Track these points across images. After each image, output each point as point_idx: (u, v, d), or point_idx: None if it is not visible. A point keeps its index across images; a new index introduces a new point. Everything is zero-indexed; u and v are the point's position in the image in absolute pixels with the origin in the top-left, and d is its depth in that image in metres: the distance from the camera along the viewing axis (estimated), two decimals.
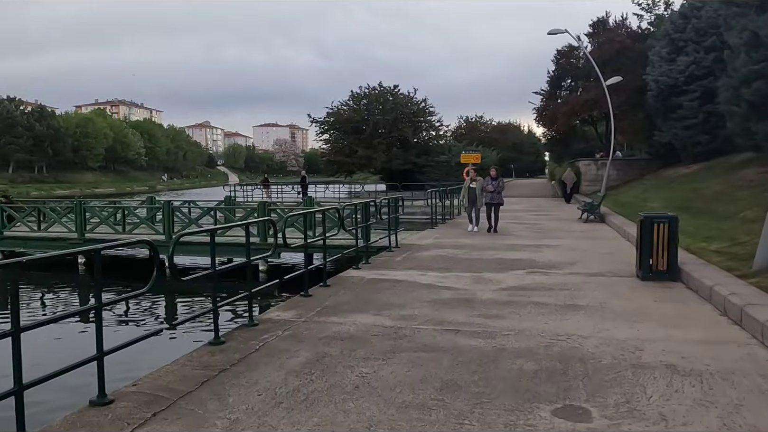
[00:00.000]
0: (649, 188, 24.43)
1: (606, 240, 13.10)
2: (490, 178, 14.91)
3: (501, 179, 15.20)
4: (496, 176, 14.98)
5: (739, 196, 14.38)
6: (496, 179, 14.84)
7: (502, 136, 61.04)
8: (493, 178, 14.87)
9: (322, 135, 38.65)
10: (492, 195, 14.61)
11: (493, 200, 14.65)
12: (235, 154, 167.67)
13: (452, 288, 7.77)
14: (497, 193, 14.64)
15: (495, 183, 14.68)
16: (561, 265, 9.61)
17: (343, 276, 8.81)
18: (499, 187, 14.73)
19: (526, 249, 11.58)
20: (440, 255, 10.92)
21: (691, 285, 7.51)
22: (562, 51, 36.34)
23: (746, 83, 16.84)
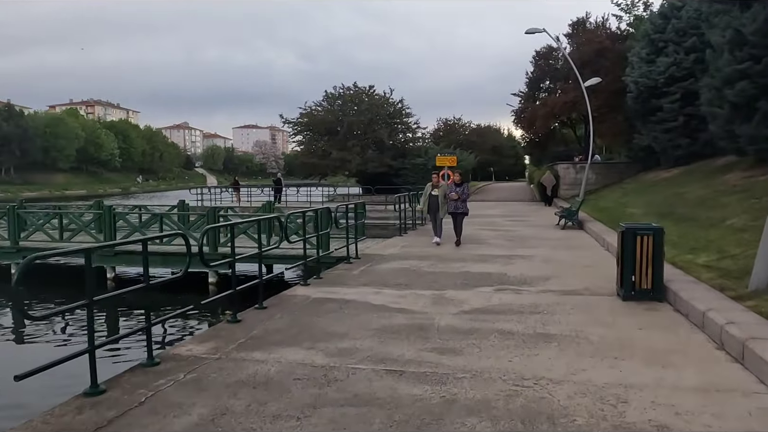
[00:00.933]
0: (628, 192, 23.68)
1: (584, 250, 12.18)
2: (453, 184, 13.28)
3: (466, 185, 13.56)
4: (460, 182, 13.27)
5: (724, 202, 13.57)
6: (461, 185, 13.18)
7: (481, 138, 60.30)
8: (456, 183, 13.22)
9: (295, 136, 37.46)
10: (456, 203, 12.96)
11: (457, 209, 13.01)
12: (213, 156, 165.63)
13: (407, 311, 6.72)
14: (462, 201, 13.03)
15: (459, 189, 13.07)
16: (534, 280, 8.62)
17: (285, 295, 7.71)
18: (464, 195, 13.13)
19: (498, 260, 10.59)
20: (402, 268, 9.88)
21: (680, 307, 6.55)
22: (541, 52, 35.67)
23: (729, 84, 16.10)
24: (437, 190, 13.15)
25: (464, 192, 13.17)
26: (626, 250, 7.13)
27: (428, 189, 13.34)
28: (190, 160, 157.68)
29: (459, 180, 13.32)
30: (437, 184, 13.30)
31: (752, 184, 14.43)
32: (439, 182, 13.44)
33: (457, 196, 12.89)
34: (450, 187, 13.27)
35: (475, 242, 13.39)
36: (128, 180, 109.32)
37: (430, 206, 13.24)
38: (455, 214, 13.03)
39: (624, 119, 30.01)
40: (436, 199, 13.07)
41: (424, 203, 13.37)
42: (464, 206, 13.10)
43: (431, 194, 13.21)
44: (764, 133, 15.39)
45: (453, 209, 12.97)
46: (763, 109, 15.14)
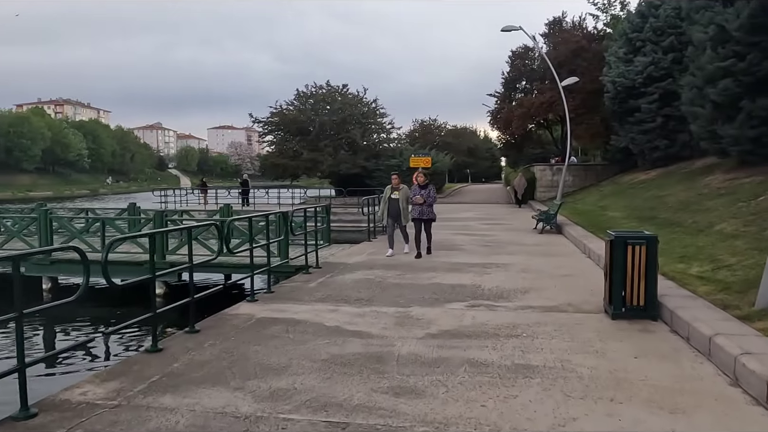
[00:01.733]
0: (607, 195, 23.07)
1: (564, 257, 11.34)
2: (416, 186, 11.33)
3: (431, 187, 11.50)
4: (425, 183, 11.38)
5: (709, 205, 12.89)
6: (425, 187, 11.31)
7: (457, 140, 59.65)
8: (420, 185, 11.31)
9: (266, 136, 36.19)
10: (420, 208, 11.19)
11: (421, 215, 11.20)
12: (187, 157, 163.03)
13: (364, 335, 5.73)
14: (427, 205, 11.23)
15: (424, 192, 11.23)
16: (511, 293, 7.71)
17: (225, 315, 6.65)
18: (430, 198, 11.25)
19: (472, 269, 9.66)
20: (366, 279, 8.89)
21: (679, 328, 5.68)
22: (517, 52, 35.03)
23: (712, 82, 15.48)
24: (398, 193, 11.43)
25: (430, 195, 11.26)
26: (615, 262, 6.25)
27: (387, 192, 11.62)
28: (163, 161, 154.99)
29: (424, 181, 11.41)
30: (398, 186, 11.51)
31: (737, 186, 13.78)
32: (400, 184, 11.59)
33: (422, 200, 11.11)
34: (413, 190, 11.37)
35: (449, 248, 12.47)
36: (97, 181, 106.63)
37: (389, 212, 11.43)
38: (420, 220, 11.28)
39: (601, 120, 29.52)
40: (396, 203, 11.37)
41: (383, 209, 11.59)
42: (431, 211, 11.37)
43: (390, 198, 11.44)
44: (748, 133, 14.80)
45: (417, 215, 11.23)
46: (746, 108, 14.55)
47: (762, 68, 13.96)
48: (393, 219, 11.52)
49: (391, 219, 11.52)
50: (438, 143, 52.99)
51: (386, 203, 11.47)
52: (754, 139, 14.76)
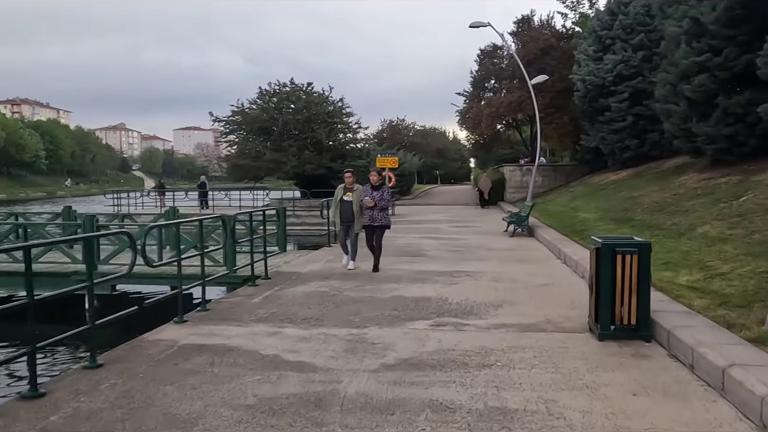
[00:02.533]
0: (577, 196, 22.48)
1: (538, 263, 10.49)
2: (368, 187, 9.60)
3: (386, 189, 9.83)
4: (378, 183, 9.64)
5: (688, 206, 12.24)
6: (379, 188, 9.58)
7: (426, 140, 58.91)
8: (373, 186, 9.56)
9: (227, 136, 34.73)
10: (372, 213, 9.44)
11: (372, 221, 9.49)
12: (151, 158, 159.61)
13: (306, 367, 4.71)
14: (379, 209, 9.47)
15: (377, 194, 9.46)
16: (482, 308, 6.78)
17: (144, 341, 5.54)
18: (383, 201, 9.49)
19: (439, 279, 8.72)
20: (319, 292, 7.86)
21: (678, 352, 4.82)
22: (486, 51, 34.39)
23: (686, 78, 14.91)
24: (351, 195, 9.67)
25: (383, 197, 9.49)
26: (603, 274, 5.36)
27: (339, 193, 9.79)
28: (126, 162, 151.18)
29: (377, 181, 9.63)
30: (351, 186, 9.77)
31: (714, 187, 13.18)
32: (355, 184, 9.83)
33: (373, 203, 9.33)
34: (364, 191, 9.56)
35: (415, 254, 11.53)
36: (56, 183, 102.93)
37: (341, 216, 9.73)
38: (371, 227, 9.54)
39: (570, 120, 29.05)
40: (349, 206, 9.63)
41: (335, 212, 9.84)
42: (384, 217, 9.57)
43: (342, 200, 9.71)
44: (723, 131, 14.26)
45: (368, 221, 9.48)
46: (722, 105, 14.00)
47: (739, 63, 13.41)
48: (346, 225, 9.78)
49: (344, 225, 9.79)
50: (406, 143, 52.13)
51: (337, 206, 9.75)
52: (730, 138, 14.23)
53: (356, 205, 9.56)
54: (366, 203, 9.40)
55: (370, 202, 9.36)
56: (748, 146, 14.06)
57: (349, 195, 9.68)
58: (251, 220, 8.73)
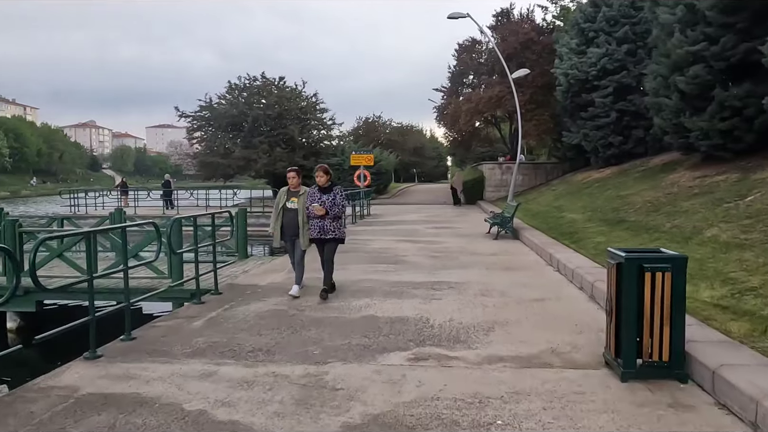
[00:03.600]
0: (561, 195, 21.54)
1: (528, 270, 9.38)
2: (314, 190, 7.45)
3: (339, 190, 7.50)
4: (327, 185, 7.43)
5: (686, 207, 11.28)
6: (329, 191, 7.40)
7: (403, 138, 57.71)
8: (321, 188, 7.41)
9: (194, 132, 33.06)
10: (321, 223, 7.29)
11: (322, 233, 7.32)
12: (123, 156, 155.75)
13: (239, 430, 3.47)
14: (331, 219, 7.33)
15: (327, 198, 7.31)
16: (470, 332, 5.61)
17: (33, 388, 4.23)
18: (335, 208, 7.34)
19: (418, 292, 7.54)
20: (275, 310, 6.61)
21: (731, 401, 3.70)
22: (464, 45, 33.35)
23: (679, 69, 13.98)
24: (296, 201, 7.41)
25: (335, 202, 7.31)
26: (626, 296, 4.23)
27: (281, 197, 7.53)
28: (96, 160, 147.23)
29: (326, 182, 7.41)
30: (297, 190, 7.49)
31: (712, 185, 12.25)
32: (301, 187, 7.56)
33: (323, 211, 7.19)
34: (309, 195, 7.38)
35: (390, 261, 10.33)
36: (21, 182, 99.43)
37: (284, 228, 7.43)
38: (320, 241, 7.41)
39: (551, 116, 28.18)
40: (293, 215, 7.38)
41: (275, 223, 7.48)
42: (336, 228, 7.39)
43: (285, 207, 7.44)
44: (718, 126, 13.36)
45: (316, 233, 7.31)
46: (719, 97, 13.09)
47: (737, 52, 12.51)
48: (290, 238, 7.49)
49: (288, 239, 7.51)
50: (383, 141, 50.89)
51: (279, 215, 7.43)
52: (725, 132, 13.35)
53: (302, 213, 7.35)
54: (314, 211, 7.21)
55: (320, 210, 7.17)
56: (744, 142, 13.19)
57: (294, 201, 7.41)
58: (195, 225, 7.41)
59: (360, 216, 21.13)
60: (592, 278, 7.30)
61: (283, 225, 7.44)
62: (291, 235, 7.46)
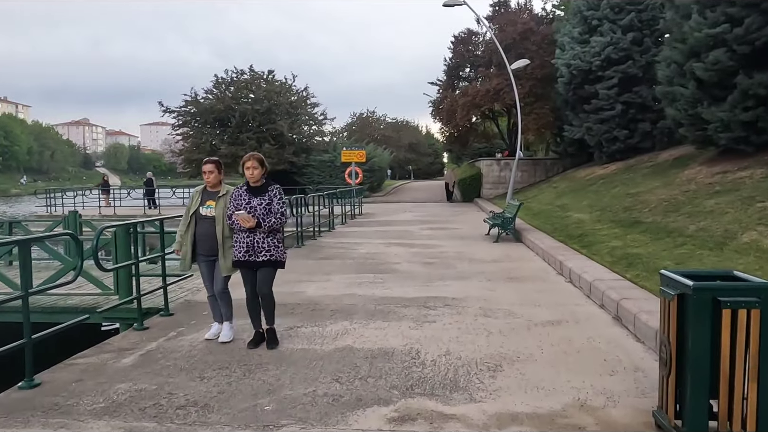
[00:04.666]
0: (563, 192, 20.33)
1: (536, 281, 8.15)
2: (244, 190, 5.07)
3: (277, 191, 5.13)
4: (259, 182, 5.10)
5: (710, 206, 10.07)
6: (263, 191, 5.07)
7: (398, 134, 56.33)
8: (252, 187, 5.09)
9: (179, 128, 31.68)
10: (250, 238, 4.99)
11: (252, 253, 5.01)
12: (116, 155, 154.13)
13: None
14: (264, 233, 5.01)
15: (259, 203, 5.01)
16: (471, 374, 4.38)
17: None
18: (272, 216, 5.00)
19: (408, 311, 6.31)
20: (229, 341, 5.37)
21: None
22: (460, 37, 32.02)
23: (696, 55, 12.77)
24: (214, 205, 5.28)
25: (271, 209, 5.03)
26: (694, 341, 3.00)
27: (193, 200, 5.41)
28: (89, 159, 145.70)
29: (258, 178, 5.10)
30: (215, 189, 5.36)
31: (736, 182, 11.06)
32: (222, 186, 5.40)
33: (252, 222, 4.92)
34: (233, 197, 5.11)
35: (378, 270, 9.09)
36: (10, 181, 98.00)
37: (196, 243, 5.30)
38: (248, 265, 5.08)
39: (551, 110, 26.95)
40: (209, 225, 5.24)
41: (183, 236, 5.34)
42: (273, 246, 5.08)
43: (199, 214, 5.31)
44: (741, 117, 12.16)
45: (242, 253, 5.02)
46: (742, 85, 11.88)
47: (762, 35, 11.32)
48: (207, 260, 5.32)
49: (204, 260, 5.33)
50: (377, 137, 49.56)
51: (188, 225, 5.28)
52: (748, 124, 12.15)
53: (222, 224, 5.15)
54: (239, 220, 4.88)
55: (247, 221, 4.84)
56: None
57: (211, 206, 5.23)
58: (135, 232, 6.14)
59: (351, 216, 19.91)
60: (616, 295, 6.08)
61: (196, 240, 5.21)
62: (206, 254, 5.22)
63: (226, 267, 5.22)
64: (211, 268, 5.37)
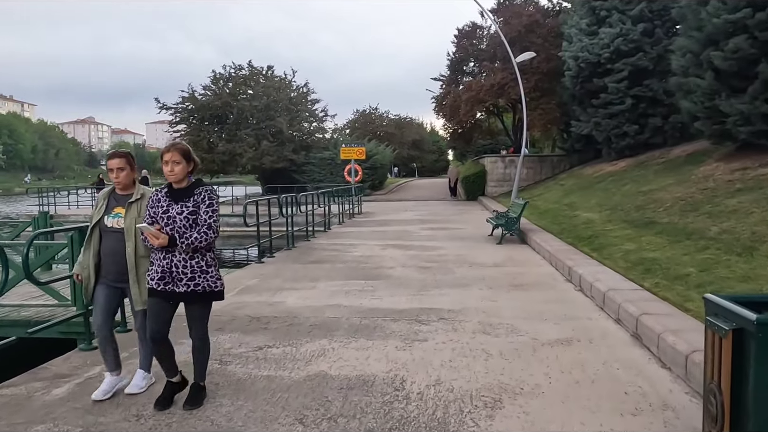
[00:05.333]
0: (571, 190, 19.50)
1: (542, 289, 7.37)
2: (163, 193, 3.64)
3: (206, 194, 3.61)
4: (183, 182, 3.63)
5: (732, 206, 9.26)
6: (188, 194, 3.60)
7: (401, 131, 55.40)
8: (172, 191, 3.63)
9: (176, 126, 31.00)
10: (167, 261, 3.54)
11: (172, 280, 3.55)
12: None
13: None
14: (188, 253, 3.53)
15: (180, 211, 3.54)
16: (464, 413, 3.61)
17: None
18: (198, 232, 3.50)
19: (397, 327, 5.56)
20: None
21: None
22: (464, 31, 31.19)
23: (714, 43, 11.93)
24: (123, 212, 3.89)
25: (196, 220, 3.55)
26: (761, 392, 2.23)
27: (99, 205, 3.98)
28: (94, 157, 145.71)
29: (180, 178, 3.61)
30: (126, 192, 3.97)
31: (759, 179, 10.24)
32: (137, 187, 4.00)
33: (164, 239, 3.47)
34: (152, 204, 3.64)
35: (370, 276, 8.33)
36: (15, 180, 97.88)
37: (101, 265, 3.92)
38: (168, 296, 3.60)
39: (558, 105, 26.09)
40: (116, 239, 3.86)
41: (84, 254, 4.02)
42: (202, 270, 3.58)
43: (104, 224, 3.91)
44: (762, 109, 11.34)
45: (155, 281, 3.57)
46: (763, 75, 11.04)
47: None
48: (115, 287, 3.94)
49: (111, 286, 3.93)
50: (379, 134, 48.73)
51: (92, 238, 3.95)
52: None
53: (135, 239, 3.83)
54: (149, 237, 3.52)
55: (156, 237, 3.48)
56: None
57: (119, 214, 3.90)
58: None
59: (350, 215, 19.17)
60: (635, 309, 5.30)
61: (100, 260, 3.90)
62: (114, 280, 3.88)
63: (140, 299, 3.82)
64: (114, 298, 3.95)
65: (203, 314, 3.73)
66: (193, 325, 3.74)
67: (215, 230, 3.58)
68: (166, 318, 3.66)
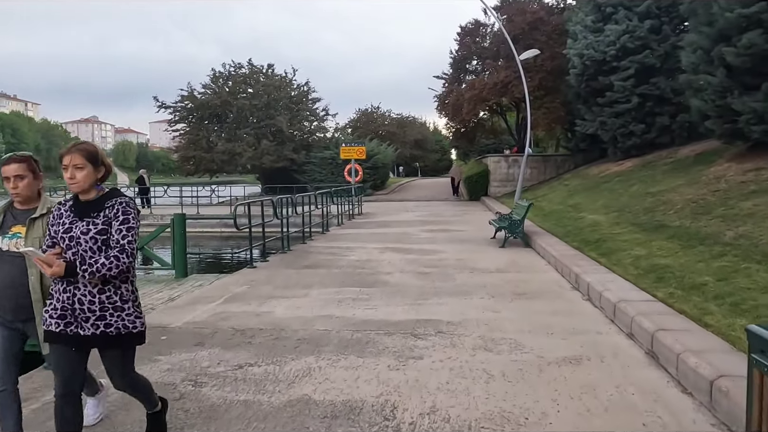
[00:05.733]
0: (576, 191, 19.05)
1: (548, 298, 6.94)
2: (67, 207, 2.81)
3: (120, 207, 2.74)
4: (92, 193, 2.80)
5: (748, 209, 8.81)
6: (98, 207, 2.76)
7: (403, 130, 54.92)
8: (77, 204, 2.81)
9: (175, 124, 30.61)
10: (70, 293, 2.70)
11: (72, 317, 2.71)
12: (125, 152, 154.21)
13: None
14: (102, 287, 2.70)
15: (83, 227, 2.71)
16: None
17: None
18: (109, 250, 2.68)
19: (390, 342, 5.14)
20: (163, 383, 4.14)
21: None
22: (467, 28, 30.73)
23: (727, 39, 11.47)
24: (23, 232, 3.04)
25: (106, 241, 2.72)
26: None
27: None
28: None
29: (85, 187, 2.77)
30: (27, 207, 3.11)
31: None
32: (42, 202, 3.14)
33: (60, 266, 2.60)
34: (54, 221, 2.80)
35: (365, 283, 7.91)
36: None
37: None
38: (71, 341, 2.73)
39: (562, 104, 25.62)
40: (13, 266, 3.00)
41: None
42: (107, 306, 2.72)
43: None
44: None
45: (54, 321, 2.73)
46: None
47: None
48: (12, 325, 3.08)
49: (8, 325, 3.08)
50: (381, 133, 48.29)
51: None
52: None
53: (35, 268, 2.94)
54: (38, 264, 2.70)
55: (48, 263, 2.60)
56: None
57: (18, 234, 3.05)
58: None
59: (350, 216, 18.76)
60: (650, 324, 4.87)
61: None
62: (12, 319, 3.06)
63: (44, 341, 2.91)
64: (15, 342, 3.11)
65: (125, 361, 2.91)
66: (114, 374, 2.93)
67: (129, 254, 2.68)
68: (75, 369, 2.76)
